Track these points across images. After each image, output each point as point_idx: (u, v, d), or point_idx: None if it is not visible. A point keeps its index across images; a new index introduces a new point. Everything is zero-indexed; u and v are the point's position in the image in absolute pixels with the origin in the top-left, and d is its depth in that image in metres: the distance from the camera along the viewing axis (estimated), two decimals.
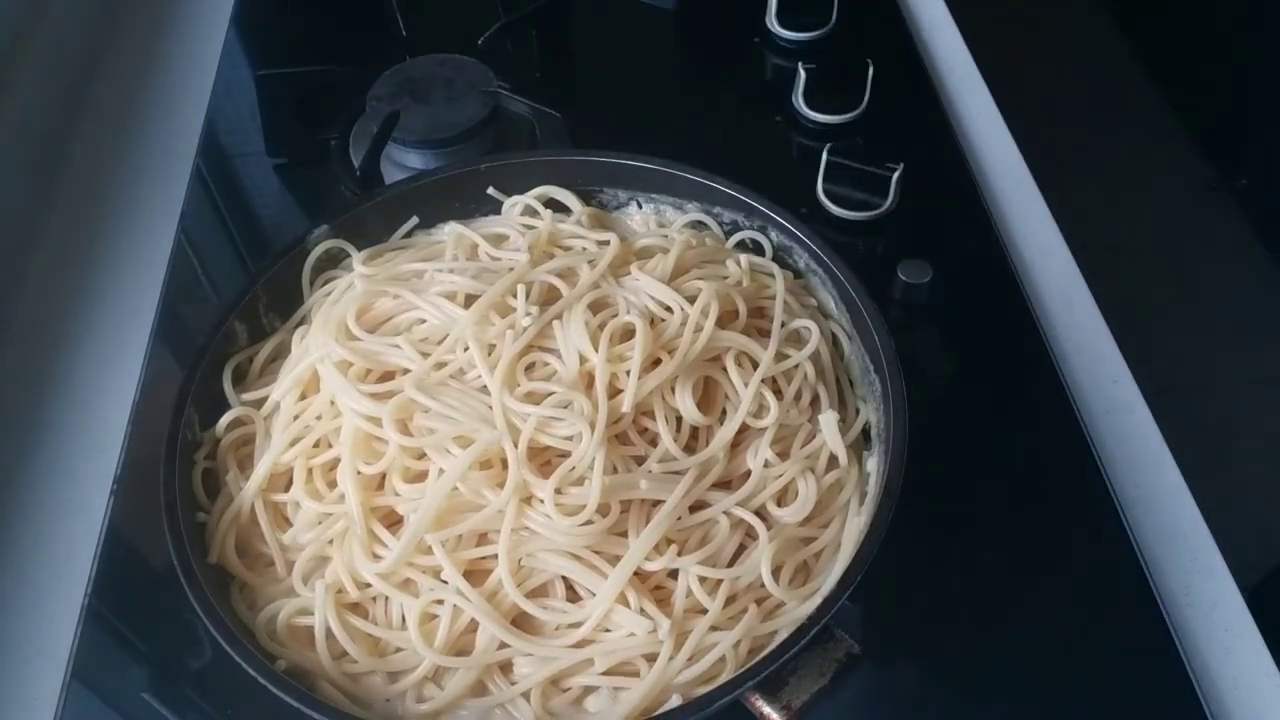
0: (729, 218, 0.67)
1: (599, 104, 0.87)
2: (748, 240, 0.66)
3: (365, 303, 0.59)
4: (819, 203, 0.75)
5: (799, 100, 0.83)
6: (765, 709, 0.46)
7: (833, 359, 0.60)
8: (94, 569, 0.58)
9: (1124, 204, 1.79)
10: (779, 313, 0.59)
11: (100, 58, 0.92)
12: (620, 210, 0.69)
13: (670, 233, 0.66)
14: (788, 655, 0.46)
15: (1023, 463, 0.63)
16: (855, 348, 0.61)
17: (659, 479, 0.52)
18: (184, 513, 0.52)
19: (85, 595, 0.57)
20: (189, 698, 0.53)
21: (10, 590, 0.59)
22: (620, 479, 0.51)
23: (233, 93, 0.88)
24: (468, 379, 0.54)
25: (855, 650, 0.48)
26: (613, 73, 0.92)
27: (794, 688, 0.46)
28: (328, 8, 0.99)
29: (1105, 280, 0.77)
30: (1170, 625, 0.55)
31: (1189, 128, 1.93)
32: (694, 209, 0.68)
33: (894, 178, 0.74)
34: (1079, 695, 0.53)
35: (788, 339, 0.59)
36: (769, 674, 0.46)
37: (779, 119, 0.84)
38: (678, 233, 0.66)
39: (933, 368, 0.68)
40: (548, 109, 0.80)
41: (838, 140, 0.78)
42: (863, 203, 0.74)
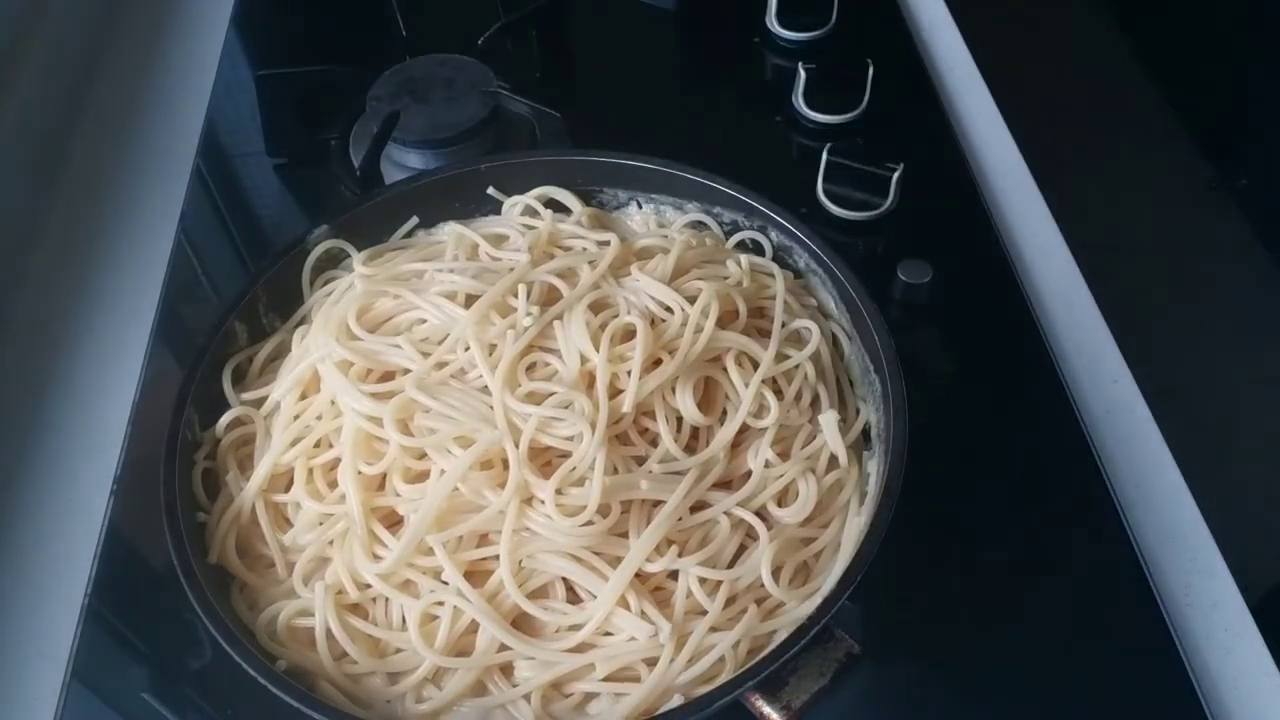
0: (729, 218, 0.67)
1: (599, 104, 0.87)
2: (748, 240, 0.66)
3: (365, 303, 0.59)
4: (819, 203, 0.75)
5: (799, 100, 0.83)
6: (765, 709, 0.46)
7: (833, 359, 0.60)
8: (94, 569, 0.58)
9: (1124, 204, 1.79)
10: (779, 313, 0.59)
11: (100, 58, 0.92)
12: (620, 210, 0.69)
13: (670, 233, 0.66)
14: (788, 655, 0.46)
15: (1023, 463, 0.63)
16: (855, 348, 0.61)
17: (660, 479, 0.52)
18: (184, 513, 0.52)
19: (85, 595, 0.57)
20: (189, 698, 0.53)
21: (10, 590, 0.59)
22: (621, 479, 0.51)
23: (233, 93, 0.88)
24: (468, 379, 0.54)
25: (855, 650, 0.48)
26: (613, 73, 0.92)
27: (794, 688, 0.46)
28: (328, 8, 0.99)
29: (1105, 280, 0.77)
30: (1170, 625, 0.55)
31: (1189, 128, 1.93)
32: (694, 209, 0.68)
33: (894, 178, 0.74)
34: (1079, 695, 0.53)
35: (788, 339, 0.59)
36: (769, 674, 0.46)
37: (779, 119, 0.84)
38: (678, 233, 0.66)
39: (933, 368, 0.68)
40: (548, 109, 0.80)
41: (838, 140, 0.78)
42: (863, 203, 0.74)
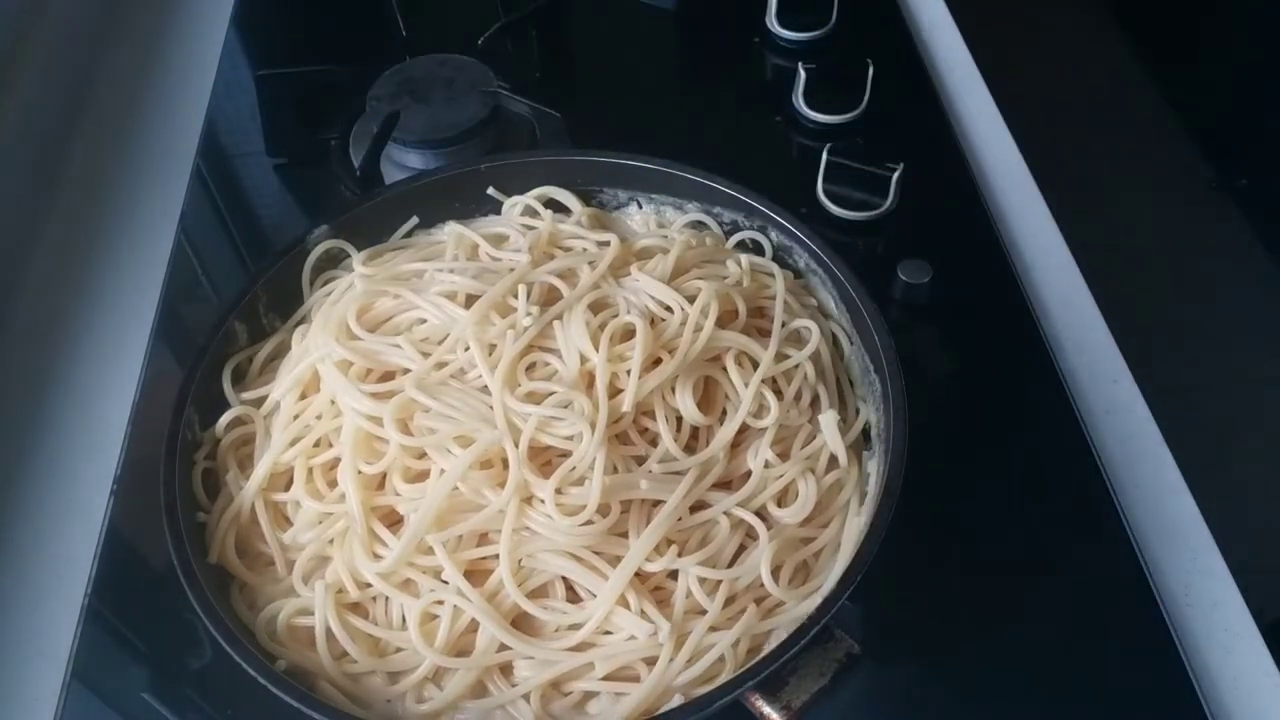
0: (729, 218, 0.67)
1: (599, 104, 0.87)
2: (748, 240, 0.66)
3: (365, 302, 0.59)
4: (819, 203, 0.75)
5: (799, 100, 0.83)
6: (765, 709, 0.46)
7: (833, 359, 0.60)
8: (94, 569, 0.58)
9: (1124, 204, 1.79)
10: (779, 313, 0.59)
11: (100, 58, 0.92)
12: (620, 210, 0.69)
13: (670, 233, 0.66)
14: (788, 655, 0.46)
15: (1023, 463, 0.63)
16: (855, 348, 0.61)
17: (659, 479, 0.52)
18: (184, 513, 0.52)
19: (85, 595, 0.57)
20: (189, 698, 0.53)
21: (10, 590, 0.59)
22: (621, 479, 0.51)
23: (233, 93, 0.88)
24: (468, 379, 0.54)
25: (855, 650, 0.48)
26: (613, 73, 0.92)
27: (794, 688, 0.46)
28: (328, 8, 0.99)
29: (1105, 280, 0.77)
30: (1170, 625, 0.55)
31: (1189, 128, 1.93)
32: (694, 209, 0.68)
33: (894, 178, 0.74)
34: (1079, 695, 0.53)
35: (788, 339, 0.59)
36: (769, 674, 0.46)
37: (779, 119, 0.84)
38: (678, 233, 0.66)
39: (933, 368, 0.68)
40: (548, 109, 0.80)
41: (838, 140, 0.78)
42: (863, 203, 0.74)
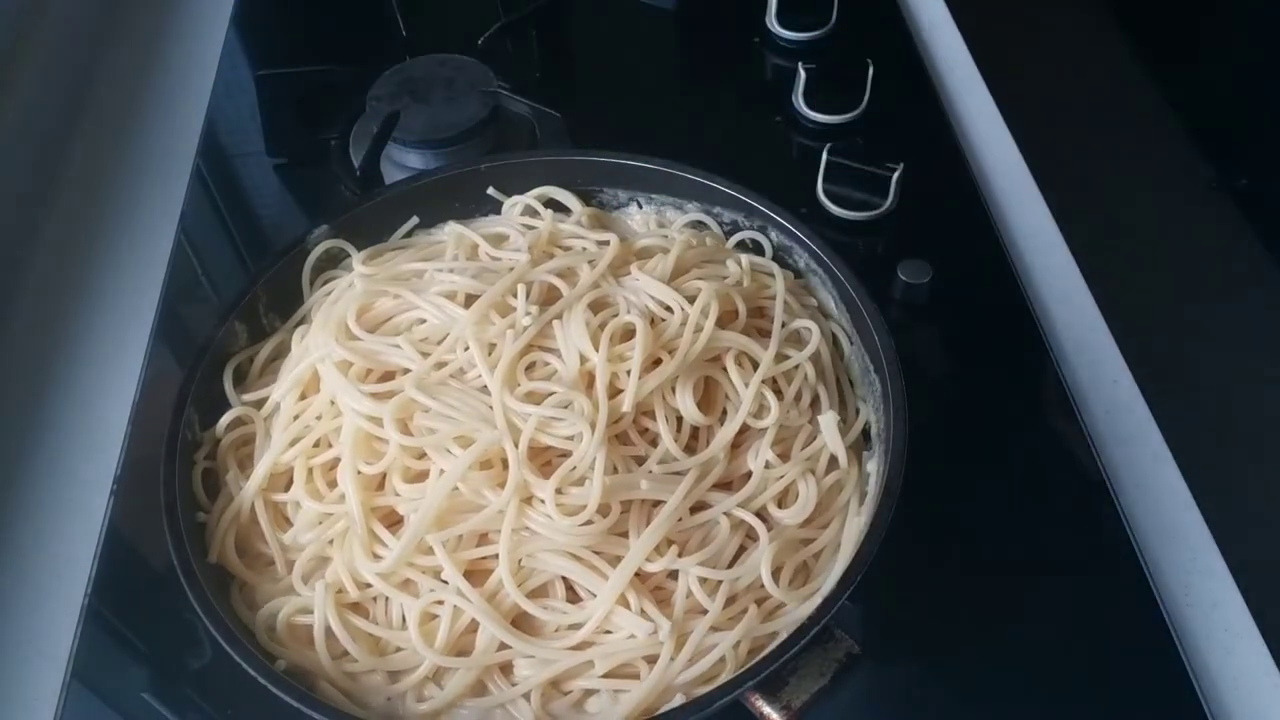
0: (729, 218, 0.67)
1: (599, 104, 0.87)
2: (748, 240, 0.66)
3: (365, 302, 0.59)
4: (819, 203, 0.75)
5: (799, 100, 0.83)
6: (765, 709, 0.46)
7: (833, 359, 0.60)
8: (94, 569, 0.58)
9: (1124, 204, 1.79)
10: (779, 313, 0.59)
11: (100, 58, 0.92)
12: (620, 210, 0.69)
13: (670, 233, 0.66)
14: (788, 655, 0.46)
15: (1023, 463, 0.63)
16: (855, 348, 0.61)
17: (660, 479, 0.52)
18: (184, 513, 0.52)
19: (85, 595, 0.57)
20: (189, 698, 0.53)
21: (10, 590, 0.59)
22: (621, 479, 0.51)
23: (233, 93, 0.88)
24: (468, 379, 0.54)
25: (855, 650, 0.48)
26: (613, 73, 0.92)
27: (794, 688, 0.46)
28: (328, 8, 0.99)
29: (1105, 280, 0.77)
30: (1170, 625, 0.55)
31: (1189, 128, 1.93)
32: (694, 209, 0.68)
33: (894, 178, 0.74)
34: (1079, 695, 0.53)
35: (788, 339, 0.59)
36: (769, 674, 0.46)
37: (779, 119, 0.84)
38: (678, 233, 0.66)
39: (933, 368, 0.68)
40: (548, 109, 0.80)
41: (838, 140, 0.78)
42: (863, 203, 0.74)
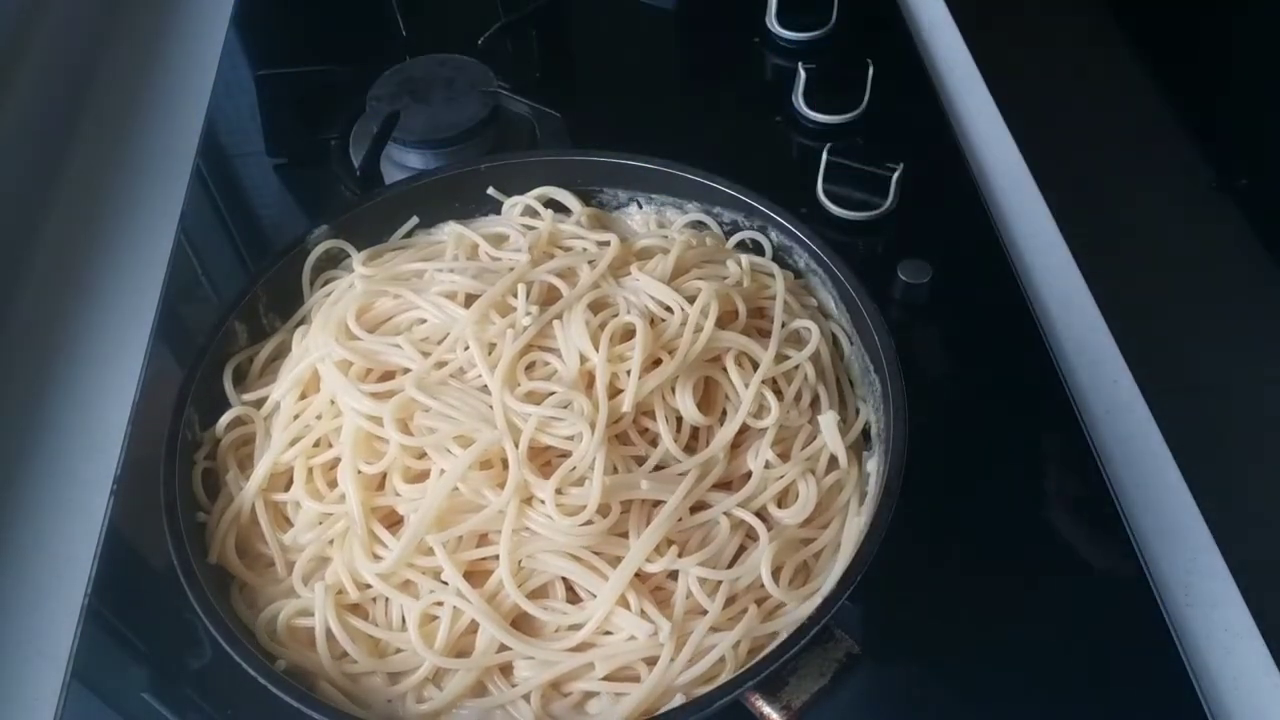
0: (729, 218, 0.67)
1: (599, 104, 0.87)
2: (748, 240, 0.66)
3: (365, 302, 0.59)
4: (819, 203, 0.75)
5: (799, 100, 0.83)
6: (765, 709, 0.46)
7: (833, 359, 0.60)
8: (94, 569, 0.58)
9: (1124, 205, 1.79)
10: (779, 313, 0.59)
11: (100, 58, 0.92)
12: (620, 210, 0.69)
13: (670, 233, 0.66)
14: (788, 655, 0.46)
15: (1023, 463, 0.63)
16: (855, 348, 0.61)
17: (660, 479, 0.51)
18: (184, 513, 0.52)
19: (85, 595, 0.57)
20: (189, 698, 0.53)
21: (10, 590, 0.59)
22: (621, 479, 0.51)
23: (233, 93, 0.88)
24: (468, 378, 0.54)
25: (855, 650, 0.48)
26: (613, 73, 0.92)
27: (794, 688, 0.46)
28: (328, 8, 0.99)
29: (1105, 280, 0.77)
30: (1170, 625, 0.55)
31: (1189, 128, 1.93)
32: (694, 209, 0.68)
33: (894, 178, 0.74)
34: (1079, 695, 0.53)
35: (788, 339, 0.59)
36: (769, 674, 0.46)
37: (779, 119, 0.84)
38: (678, 233, 0.66)
39: (933, 368, 0.68)
40: (548, 109, 0.80)
41: (838, 140, 0.78)
42: (863, 203, 0.74)
